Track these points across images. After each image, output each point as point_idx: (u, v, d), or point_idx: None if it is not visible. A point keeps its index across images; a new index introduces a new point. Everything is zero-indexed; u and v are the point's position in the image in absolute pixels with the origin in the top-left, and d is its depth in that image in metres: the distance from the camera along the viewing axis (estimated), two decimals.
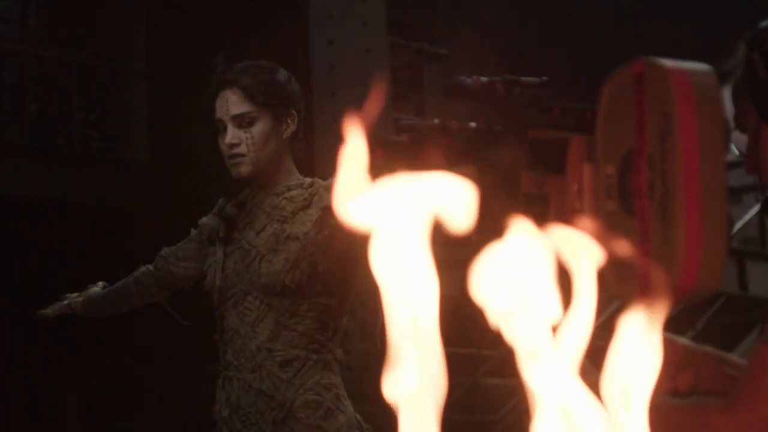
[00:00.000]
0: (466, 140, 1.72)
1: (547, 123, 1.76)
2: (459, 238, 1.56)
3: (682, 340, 2.15)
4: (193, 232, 3.77)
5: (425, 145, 1.80)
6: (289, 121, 3.60)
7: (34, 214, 8.87)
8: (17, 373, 9.20)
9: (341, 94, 8.00)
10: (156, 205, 8.86)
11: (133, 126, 9.83)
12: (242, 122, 3.56)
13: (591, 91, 1.77)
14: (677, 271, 1.59)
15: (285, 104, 3.59)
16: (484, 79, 1.81)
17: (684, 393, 2.10)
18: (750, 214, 9.86)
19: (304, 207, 3.56)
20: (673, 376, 2.10)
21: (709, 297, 1.67)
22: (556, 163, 1.72)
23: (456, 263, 1.78)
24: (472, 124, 1.75)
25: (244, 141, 3.55)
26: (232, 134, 3.55)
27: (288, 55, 3.90)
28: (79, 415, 9.26)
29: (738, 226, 9.58)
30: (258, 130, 3.56)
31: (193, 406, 5.71)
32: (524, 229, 1.51)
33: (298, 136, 3.63)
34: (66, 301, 4.04)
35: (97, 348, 8.95)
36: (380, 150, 1.76)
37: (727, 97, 1.92)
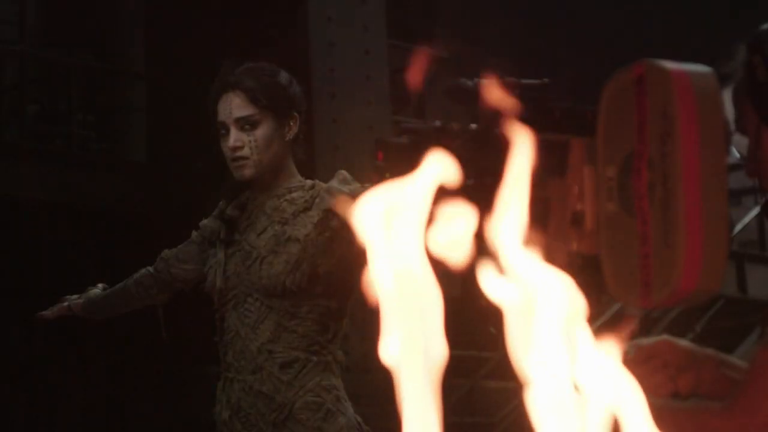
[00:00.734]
0: (467, 142, 1.72)
1: (547, 125, 1.76)
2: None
3: (683, 343, 2.15)
4: (194, 234, 3.77)
5: (426, 147, 1.80)
6: (291, 124, 3.60)
7: (33, 216, 8.86)
8: (17, 375, 9.19)
9: (341, 96, 8.01)
10: (155, 207, 8.85)
11: (132, 127, 9.82)
12: (245, 125, 3.55)
13: (591, 93, 1.76)
14: (678, 273, 1.59)
15: (287, 106, 3.59)
16: (484, 81, 1.81)
17: (684, 395, 2.10)
18: (749, 216, 9.84)
19: (305, 209, 3.56)
20: (673, 378, 2.10)
21: (707, 299, 1.67)
22: (557, 166, 1.72)
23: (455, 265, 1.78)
24: (473, 126, 1.75)
25: (248, 144, 3.54)
26: (235, 137, 3.55)
27: (288, 57, 3.90)
28: (78, 415, 9.25)
29: (737, 229, 9.57)
30: (261, 132, 3.55)
31: (193, 407, 5.71)
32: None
33: (299, 138, 3.63)
34: (66, 303, 4.04)
35: (97, 348, 8.94)
36: (380, 152, 1.76)
37: (727, 99, 1.92)
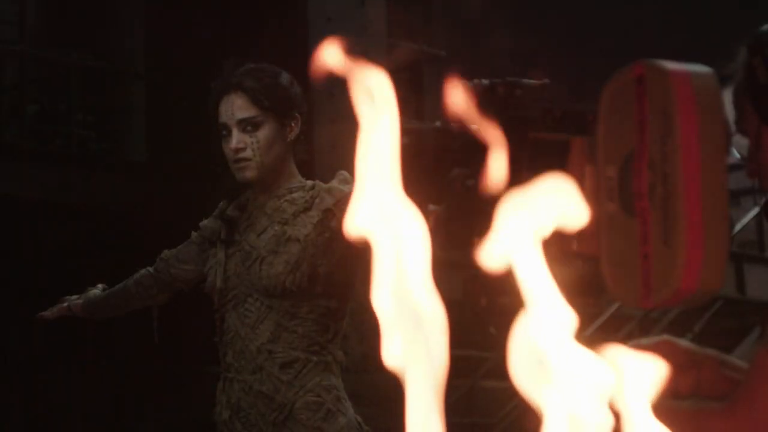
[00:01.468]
0: (467, 141, 1.72)
1: (548, 125, 1.76)
2: (459, 241, 1.56)
3: (683, 343, 2.15)
4: (194, 234, 3.77)
5: (426, 147, 1.80)
6: (292, 125, 3.59)
7: (32, 216, 8.86)
8: (17, 375, 9.19)
9: (340, 96, 8.00)
10: (154, 207, 8.85)
11: (132, 127, 9.83)
12: (247, 126, 3.55)
13: (592, 93, 1.77)
14: (678, 273, 1.59)
15: (289, 107, 3.58)
16: (485, 81, 1.81)
17: (684, 395, 2.10)
18: (748, 217, 9.84)
19: (305, 209, 3.55)
20: (673, 378, 2.10)
21: (706, 300, 1.67)
22: (557, 166, 1.72)
23: (455, 266, 1.78)
24: (473, 126, 1.75)
25: (250, 145, 3.54)
26: (237, 138, 3.54)
27: (287, 58, 3.89)
28: (78, 415, 9.25)
29: (736, 230, 9.56)
30: (263, 134, 3.55)
31: (193, 407, 5.71)
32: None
33: (300, 139, 3.63)
34: (65, 303, 4.04)
35: (97, 348, 8.93)
36: None
37: (728, 100, 1.92)
